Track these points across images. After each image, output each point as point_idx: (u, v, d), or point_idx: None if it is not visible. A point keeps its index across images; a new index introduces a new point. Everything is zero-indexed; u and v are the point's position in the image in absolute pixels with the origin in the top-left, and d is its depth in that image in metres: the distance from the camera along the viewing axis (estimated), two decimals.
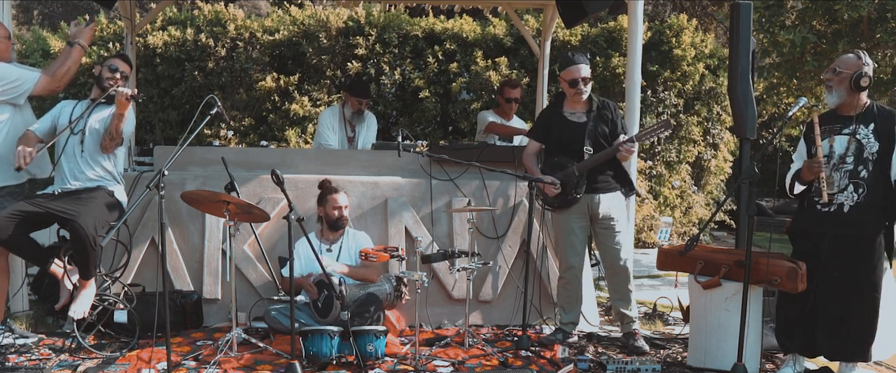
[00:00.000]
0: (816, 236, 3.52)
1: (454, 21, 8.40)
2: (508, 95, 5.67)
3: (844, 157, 3.46)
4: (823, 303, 3.48)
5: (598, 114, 4.17)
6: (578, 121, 4.19)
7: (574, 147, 4.16)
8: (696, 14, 11.50)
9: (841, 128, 3.51)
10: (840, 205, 3.46)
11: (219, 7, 8.35)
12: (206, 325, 4.47)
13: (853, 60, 3.47)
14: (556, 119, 4.25)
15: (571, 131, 4.18)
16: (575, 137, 4.15)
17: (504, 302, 4.70)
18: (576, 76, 4.12)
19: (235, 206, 3.69)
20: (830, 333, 3.48)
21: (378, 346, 3.69)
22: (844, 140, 3.48)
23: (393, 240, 4.60)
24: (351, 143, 5.55)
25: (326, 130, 5.49)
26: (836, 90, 3.49)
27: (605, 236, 4.22)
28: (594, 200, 4.17)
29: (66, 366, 3.63)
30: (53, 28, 9.46)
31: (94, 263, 3.84)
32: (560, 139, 4.22)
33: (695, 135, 8.64)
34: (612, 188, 4.20)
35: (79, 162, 4.00)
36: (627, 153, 4.02)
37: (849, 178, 3.45)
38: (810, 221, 3.56)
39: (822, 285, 3.47)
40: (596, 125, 4.15)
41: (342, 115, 5.53)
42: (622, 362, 3.67)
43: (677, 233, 8.54)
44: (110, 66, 4.09)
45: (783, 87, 8.38)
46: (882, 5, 6.89)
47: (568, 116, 4.22)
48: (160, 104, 8.12)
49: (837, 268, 3.44)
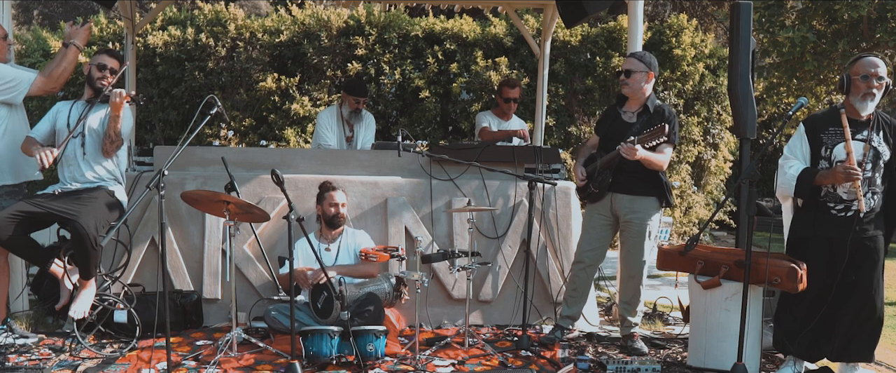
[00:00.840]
0: (836, 242, 3.44)
1: (454, 21, 8.41)
2: (507, 95, 5.67)
3: (862, 163, 3.38)
4: (837, 308, 3.46)
5: (650, 117, 4.10)
6: (628, 121, 4.16)
7: (615, 145, 4.11)
8: (696, 14, 11.50)
9: (853, 132, 3.42)
10: (856, 211, 3.41)
11: (219, 7, 8.35)
12: (206, 325, 4.47)
13: (884, 66, 3.40)
14: (611, 116, 4.26)
15: (618, 129, 4.16)
16: (619, 135, 4.11)
17: (504, 302, 4.70)
18: (623, 68, 4.14)
19: (235, 206, 3.69)
20: (841, 336, 3.47)
21: (378, 346, 3.68)
22: (860, 146, 3.41)
23: (393, 240, 4.60)
24: (349, 142, 5.56)
25: (325, 130, 5.50)
26: (877, 99, 3.38)
27: (624, 238, 4.20)
28: (617, 199, 4.13)
29: (66, 366, 3.63)
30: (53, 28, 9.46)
31: (94, 263, 3.83)
32: (608, 135, 4.21)
33: (695, 135, 8.64)
34: (638, 191, 4.08)
35: (80, 164, 3.99)
36: (627, 154, 4.00)
37: (867, 185, 3.41)
38: (826, 227, 3.48)
39: (838, 290, 3.44)
40: (641, 129, 4.05)
41: (340, 114, 5.55)
42: (622, 362, 3.67)
43: (677, 233, 8.54)
44: (99, 64, 4.03)
45: (783, 87, 8.38)
46: (882, 5, 6.90)
47: (622, 115, 4.20)
48: (160, 104, 8.12)
49: (854, 272, 3.43)
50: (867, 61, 3.42)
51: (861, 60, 3.46)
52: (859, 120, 3.45)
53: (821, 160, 3.49)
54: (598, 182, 4.15)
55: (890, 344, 4.52)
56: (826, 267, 3.47)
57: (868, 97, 3.37)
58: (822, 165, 3.47)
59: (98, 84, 4.01)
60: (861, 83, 3.38)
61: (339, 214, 4.34)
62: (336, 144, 5.50)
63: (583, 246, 4.28)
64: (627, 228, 4.16)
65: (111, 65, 4.05)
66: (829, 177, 3.40)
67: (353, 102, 5.48)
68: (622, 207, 4.12)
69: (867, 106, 3.39)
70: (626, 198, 4.10)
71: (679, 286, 5.79)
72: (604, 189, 4.13)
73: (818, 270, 3.47)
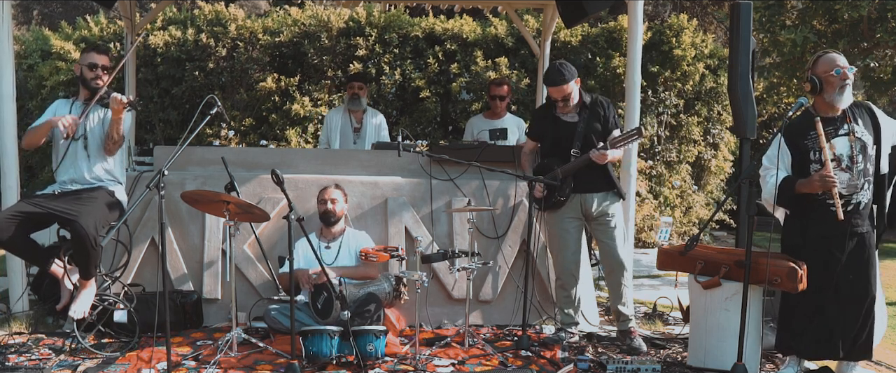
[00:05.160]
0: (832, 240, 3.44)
1: (454, 21, 8.40)
2: (492, 93, 5.74)
3: (853, 157, 3.40)
4: (841, 305, 3.45)
5: (590, 112, 4.16)
6: (570, 121, 4.18)
7: (563, 148, 4.17)
8: (696, 14, 11.49)
9: (834, 130, 3.45)
10: (856, 204, 3.42)
11: (219, 7, 8.35)
12: (206, 325, 4.47)
13: (843, 57, 3.45)
14: (549, 119, 4.26)
15: (562, 132, 4.18)
16: (565, 138, 4.16)
17: (504, 302, 4.70)
18: (555, 96, 4.12)
19: (235, 206, 3.69)
20: (845, 334, 3.47)
21: (378, 346, 3.69)
22: (845, 140, 3.43)
23: (393, 240, 4.60)
24: (357, 133, 5.74)
25: (328, 130, 5.79)
26: (849, 89, 3.41)
27: (601, 233, 4.23)
28: (586, 199, 4.17)
29: (66, 366, 3.63)
30: (53, 28, 9.45)
31: (94, 263, 3.83)
32: (552, 139, 4.25)
33: (695, 135, 8.64)
34: (603, 187, 4.19)
35: (81, 165, 3.99)
36: (599, 160, 4.01)
37: (863, 176, 3.41)
38: (819, 227, 3.46)
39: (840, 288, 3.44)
40: (588, 125, 4.14)
41: (345, 108, 5.80)
42: (622, 361, 3.67)
43: (677, 233, 8.54)
44: (89, 64, 3.98)
45: (783, 87, 8.39)
46: (882, 5, 6.90)
47: (560, 117, 4.22)
48: (160, 104, 8.12)
49: (854, 269, 3.43)
50: (830, 57, 3.47)
51: (824, 58, 3.48)
52: (834, 115, 3.46)
53: (812, 164, 3.45)
54: (563, 190, 4.16)
55: (890, 344, 4.52)
56: (824, 266, 3.47)
57: (844, 90, 3.42)
58: (814, 169, 3.45)
59: (93, 84, 3.98)
60: (834, 78, 3.41)
61: (330, 209, 4.33)
62: (339, 139, 5.69)
63: (567, 265, 4.24)
64: (600, 226, 4.20)
65: (101, 62, 4.01)
66: (807, 186, 3.40)
67: (348, 88, 5.78)
68: (593, 205, 4.17)
69: (844, 99, 3.43)
70: (596, 196, 4.16)
71: (679, 286, 5.79)
72: (567, 196, 4.17)
73: (816, 271, 3.47)
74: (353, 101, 5.70)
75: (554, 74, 4.10)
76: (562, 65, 4.10)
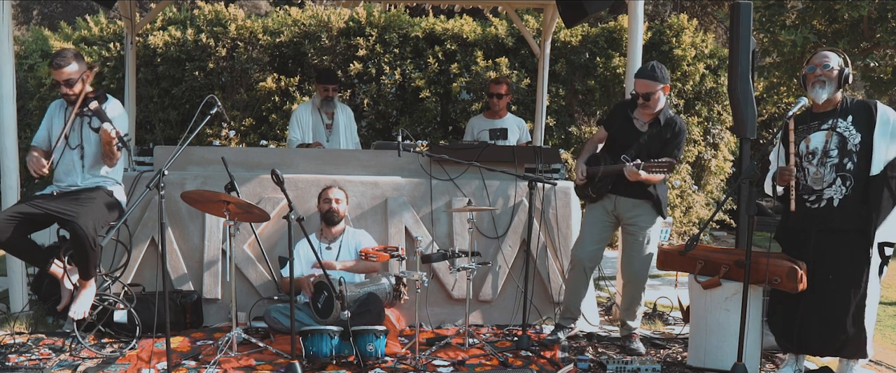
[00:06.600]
0: (804, 234, 3.51)
1: (454, 21, 8.40)
2: (491, 91, 5.74)
3: (827, 150, 3.46)
4: (818, 301, 3.46)
5: (660, 129, 4.07)
6: (639, 128, 4.12)
7: (620, 149, 4.11)
8: (696, 14, 11.49)
9: (818, 124, 3.53)
10: (829, 200, 3.46)
11: (219, 7, 8.35)
12: (206, 325, 4.47)
13: (836, 57, 3.50)
14: (623, 116, 4.20)
15: (626, 134, 4.13)
16: (625, 141, 4.11)
17: (504, 302, 4.70)
18: (639, 91, 4.03)
19: (235, 206, 3.69)
20: (828, 331, 3.47)
21: (378, 346, 3.68)
22: (822, 136, 3.49)
23: (393, 240, 4.60)
24: (329, 129, 5.67)
25: (294, 127, 5.64)
26: (828, 86, 3.48)
27: (627, 241, 4.21)
28: (620, 202, 4.13)
29: (66, 366, 3.63)
30: (53, 28, 9.46)
31: (94, 264, 3.83)
32: (617, 137, 4.19)
33: (695, 135, 8.64)
34: (639, 196, 4.09)
35: (75, 174, 3.97)
36: (629, 175, 3.97)
37: (836, 171, 3.45)
38: (799, 220, 3.55)
39: (816, 284, 3.46)
40: (650, 139, 4.06)
41: (314, 106, 5.70)
42: (622, 361, 3.67)
43: (677, 233, 8.54)
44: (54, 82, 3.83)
45: (783, 86, 8.37)
46: (882, 5, 6.89)
47: (634, 118, 4.15)
48: (160, 104, 8.12)
49: (831, 265, 3.44)
50: (816, 55, 3.57)
51: (811, 57, 3.61)
52: (824, 111, 3.54)
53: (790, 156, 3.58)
54: (598, 188, 4.16)
55: (890, 344, 4.52)
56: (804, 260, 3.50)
57: (817, 85, 3.49)
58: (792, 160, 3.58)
59: (68, 99, 3.90)
60: (809, 74, 3.53)
61: (332, 209, 4.33)
62: (311, 135, 5.61)
63: (584, 244, 4.24)
64: (628, 234, 4.17)
65: (61, 78, 3.84)
66: (778, 178, 3.59)
67: (322, 90, 5.64)
68: (625, 210, 4.13)
69: (819, 94, 3.49)
70: (629, 202, 4.11)
71: (679, 286, 5.79)
72: (602, 195, 4.15)
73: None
74: (326, 103, 5.63)
75: (647, 69, 4.05)
76: (658, 65, 4.06)
